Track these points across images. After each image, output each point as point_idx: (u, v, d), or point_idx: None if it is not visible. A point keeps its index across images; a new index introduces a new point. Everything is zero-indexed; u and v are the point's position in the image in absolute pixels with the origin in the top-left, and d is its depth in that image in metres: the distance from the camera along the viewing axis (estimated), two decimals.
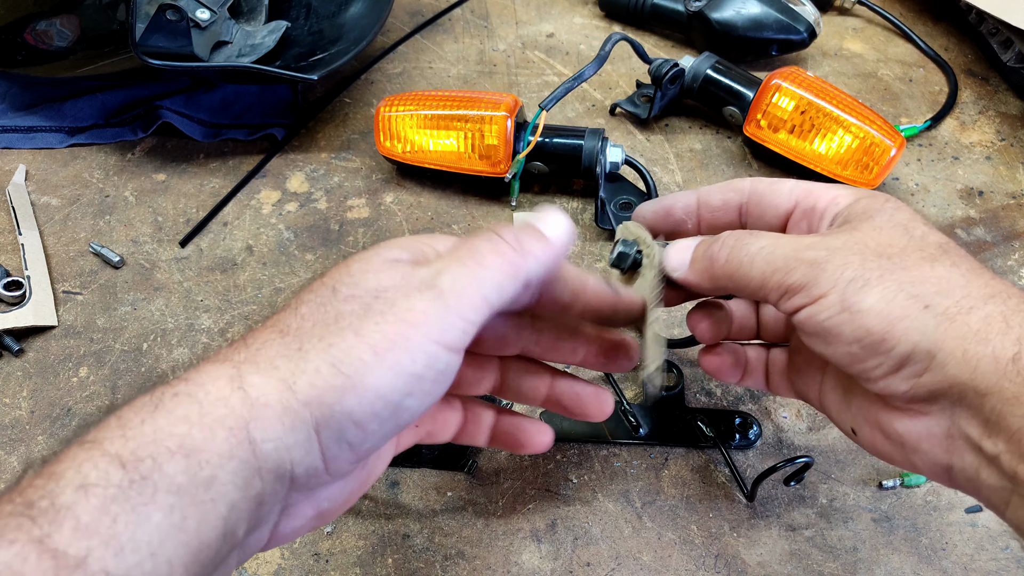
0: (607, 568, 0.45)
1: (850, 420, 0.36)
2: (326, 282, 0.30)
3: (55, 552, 0.22)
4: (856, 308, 0.30)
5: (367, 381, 0.27)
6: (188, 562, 0.24)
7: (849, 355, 0.31)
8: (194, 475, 0.25)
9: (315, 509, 0.31)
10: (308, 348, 0.28)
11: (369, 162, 0.67)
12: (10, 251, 0.60)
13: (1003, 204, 0.65)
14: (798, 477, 0.46)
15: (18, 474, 0.37)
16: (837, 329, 0.31)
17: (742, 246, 0.34)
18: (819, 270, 0.31)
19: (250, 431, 0.26)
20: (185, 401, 0.26)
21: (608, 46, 0.60)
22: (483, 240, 0.31)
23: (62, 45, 0.69)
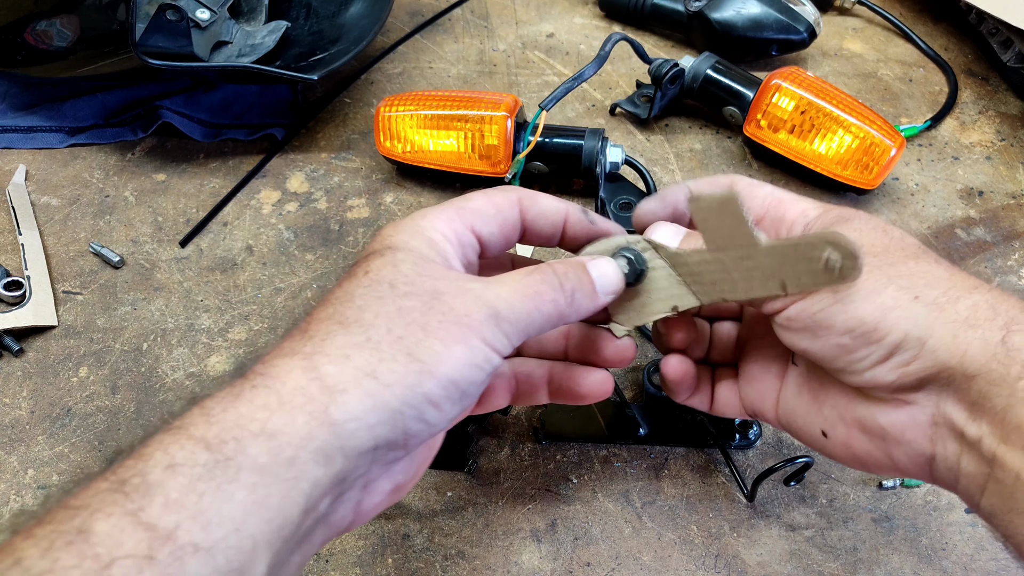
0: (607, 568, 0.45)
1: (820, 423, 0.36)
2: (381, 276, 0.32)
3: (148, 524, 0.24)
4: (849, 299, 0.32)
5: (440, 369, 0.30)
6: (271, 537, 0.26)
7: (839, 347, 0.32)
8: (276, 455, 0.26)
9: (392, 483, 0.33)
10: (377, 339, 0.30)
11: (369, 162, 0.67)
12: (10, 251, 0.60)
13: (1003, 204, 0.64)
14: (798, 477, 0.46)
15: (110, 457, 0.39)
16: (829, 320, 0.32)
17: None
18: None
19: (330, 413, 0.28)
20: (263, 392, 0.28)
21: (608, 46, 0.60)
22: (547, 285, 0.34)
23: (62, 45, 0.69)
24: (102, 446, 0.49)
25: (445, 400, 0.30)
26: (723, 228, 0.38)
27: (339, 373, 0.29)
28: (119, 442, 0.49)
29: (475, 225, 0.36)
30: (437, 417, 0.30)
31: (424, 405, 0.30)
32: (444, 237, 0.35)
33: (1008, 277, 0.59)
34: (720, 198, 0.37)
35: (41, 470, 0.48)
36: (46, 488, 0.47)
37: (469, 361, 0.31)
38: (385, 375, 0.29)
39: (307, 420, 0.27)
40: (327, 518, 0.30)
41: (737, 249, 0.38)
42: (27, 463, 0.49)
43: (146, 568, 0.23)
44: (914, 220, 0.63)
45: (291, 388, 0.28)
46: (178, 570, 0.24)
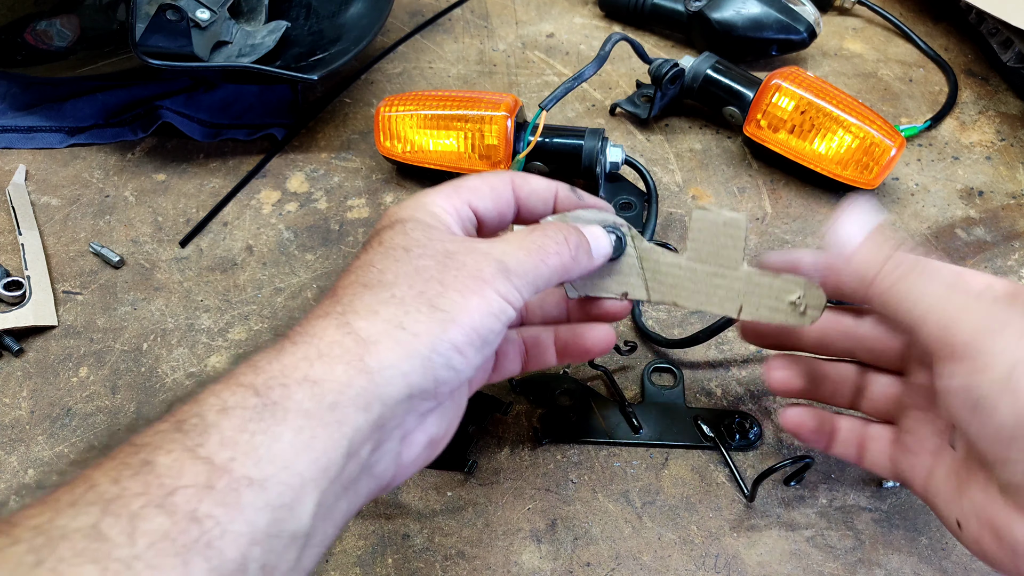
0: (607, 568, 0.45)
1: (958, 512, 0.35)
2: (395, 242, 0.35)
3: (206, 458, 0.26)
4: (1021, 389, 0.29)
5: (462, 317, 0.32)
6: (317, 476, 0.28)
7: (996, 435, 0.30)
8: (319, 401, 0.29)
9: (427, 436, 0.35)
10: (400, 295, 0.32)
11: (369, 162, 0.67)
12: (10, 251, 0.60)
13: (1003, 204, 0.64)
14: (798, 477, 0.46)
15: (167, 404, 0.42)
16: (994, 403, 0.30)
17: (926, 271, 0.33)
18: (990, 336, 0.30)
19: (366, 362, 0.30)
20: (303, 346, 0.30)
21: (608, 46, 0.60)
22: (551, 240, 0.37)
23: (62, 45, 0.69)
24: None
25: (468, 347, 0.32)
26: (714, 244, 0.41)
27: (370, 327, 0.31)
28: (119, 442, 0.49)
29: (471, 201, 0.39)
30: (463, 364, 0.32)
31: (451, 352, 0.32)
32: (444, 210, 0.37)
33: (1008, 277, 0.59)
34: (727, 218, 0.41)
35: (41, 470, 0.48)
36: (46, 488, 0.47)
37: (486, 311, 0.33)
38: (412, 325, 0.31)
39: (345, 369, 0.30)
40: (371, 469, 0.32)
41: (716, 266, 0.42)
42: (27, 463, 0.49)
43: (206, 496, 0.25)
44: (914, 220, 0.63)
45: (328, 342, 0.30)
46: (234, 500, 0.26)
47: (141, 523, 0.24)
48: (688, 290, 0.43)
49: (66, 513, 0.24)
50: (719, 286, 0.42)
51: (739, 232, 0.41)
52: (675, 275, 0.43)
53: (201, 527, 0.25)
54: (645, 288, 0.43)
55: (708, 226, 0.41)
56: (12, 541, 0.24)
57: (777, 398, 0.52)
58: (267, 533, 0.26)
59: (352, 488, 0.31)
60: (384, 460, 0.33)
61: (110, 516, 0.24)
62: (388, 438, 0.32)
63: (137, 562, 0.24)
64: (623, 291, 0.43)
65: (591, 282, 0.43)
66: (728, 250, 0.41)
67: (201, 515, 0.25)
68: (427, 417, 0.35)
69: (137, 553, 0.24)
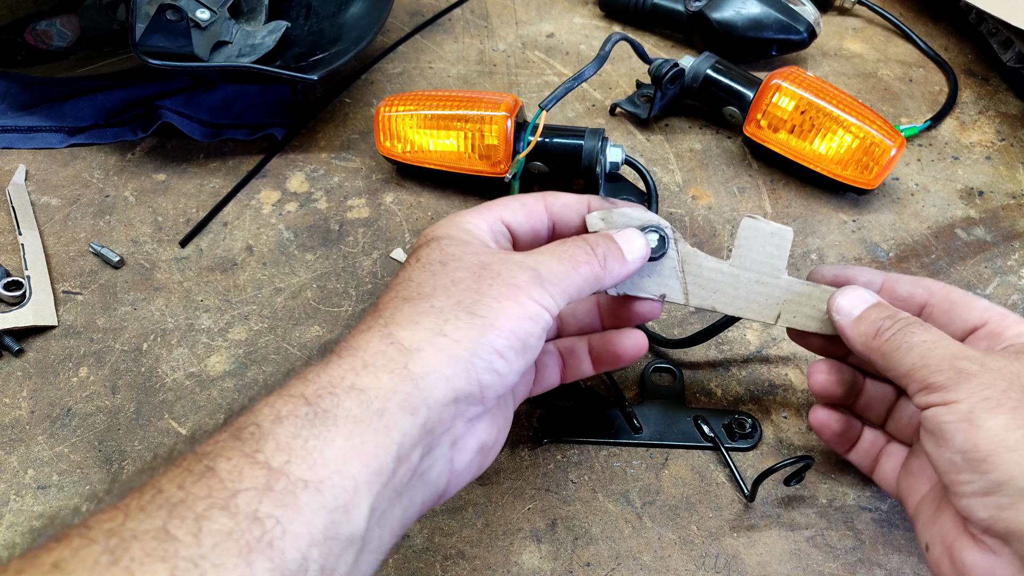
0: (607, 568, 0.45)
1: (928, 536, 0.37)
2: (431, 258, 0.36)
3: (263, 463, 0.28)
4: (976, 422, 0.33)
5: (500, 321, 0.33)
6: (370, 480, 0.29)
7: (950, 462, 0.33)
8: (367, 407, 0.30)
9: (477, 441, 0.36)
10: (439, 305, 0.34)
11: (369, 162, 0.67)
12: (10, 251, 0.60)
13: (1003, 204, 0.64)
14: (798, 477, 0.46)
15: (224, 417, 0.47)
16: (951, 433, 0.33)
17: (909, 332, 0.37)
18: (964, 380, 0.34)
19: (410, 369, 0.31)
20: (349, 358, 0.32)
21: (608, 46, 0.60)
22: (580, 250, 0.38)
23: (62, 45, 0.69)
24: (102, 446, 0.49)
25: (509, 350, 0.33)
26: (760, 252, 0.43)
27: (412, 336, 0.32)
28: (119, 442, 0.49)
29: (503, 216, 0.41)
30: (506, 367, 0.33)
31: (492, 355, 0.33)
32: (477, 227, 0.39)
33: (1008, 277, 0.59)
34: (774, 229, 0.43)
35: (41, 470, 0.48)
36: (46, 488, 0.48)
37: (523, 315, 0.34)
38: (452, 332, 0.33)
39: (390, 377, 0.31)
40: (424, 475, 0.33)
41: (759, 273, 0.44)
42: (27, 463, 0.49)
43: (265, 497, 0.27)
44: (914, 220, 0.63)
45: (372, 352, 0.32)
46: (292, 501, 0.27)
47: (206, 523, 0.26)
48: (728, 295, 0.44)
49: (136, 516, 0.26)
50: (760, 292, 0.44)
51: (785, 243, 0.43)
52: (716, 280, 0.44)
53: (263, 527, 0.26)
54: (684, 291, 0.44)
55: (755, 234, 0.43)
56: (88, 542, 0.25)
57: (777, 399, 0.52)
58: (325, 535, 0.27)
59: (406, 494, 0.32)
60: (437, 466, 0.34)
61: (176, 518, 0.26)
62: (438, 443, 0.33)
63: (203, 560, 0.25)
64: (661, 292, 0.44)
65: (630, 281, 0.44)
66: (773, 259, 0.43)
67: (262, 515, 0.26)
68: (476, 423, 0.36)
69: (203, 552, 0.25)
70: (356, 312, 0.56)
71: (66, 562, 0.24)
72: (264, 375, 0.53)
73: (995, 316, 0.40)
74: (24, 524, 0.46)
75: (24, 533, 0.45)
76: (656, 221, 0.43)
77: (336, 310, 0.57)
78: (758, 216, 0.43)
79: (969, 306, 0.41)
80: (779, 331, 0.56)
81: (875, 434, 0.45)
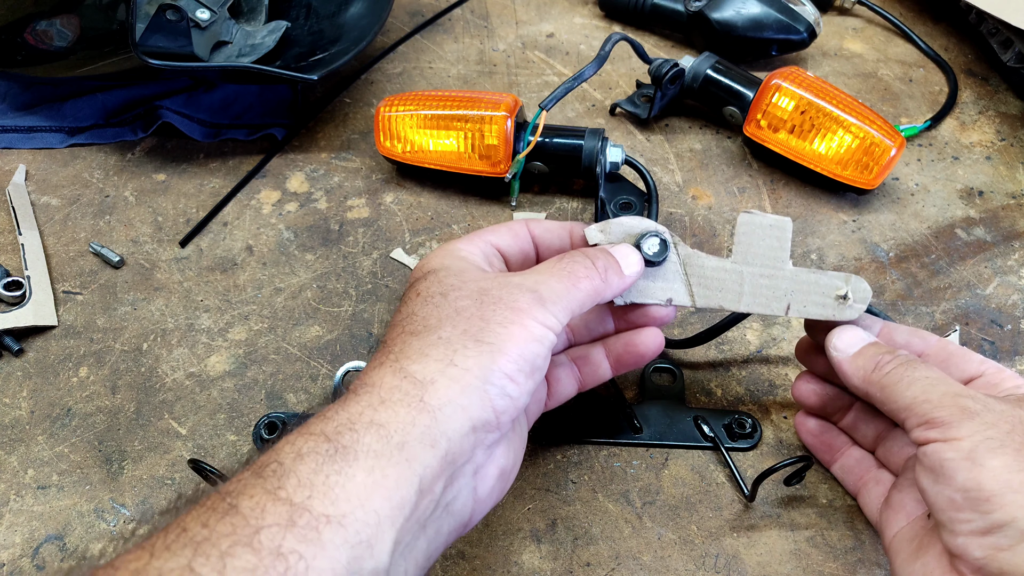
0: (607, 568, 0.45)
1: (909, 572, 0.37)
2: (431, 290, 0.37)
3: (286, 499, 0.28)
4: (980, 461, 0.32)
5: (507, 346, 0.34)
6: (393, 514, 0.29)
7: (950, 500, 0.33)
8: (387, 441, 0.30)
9: (497, 468, 0.36)
10: (446, 336, 0.34)
11: (369, 162, 0.67)
12: (10, 251, 0.60)
13: (1003, 204, 0.64)
14: (798, 477, 0.46)
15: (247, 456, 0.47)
16: (952, 471, 0.33)
17: (910, 367, 0.38)
18: (967, 417, 0.34)
19: (426, 402, 0.32)
20: (365, 395, 0.32)
21: (608, 46, 0.60)
22: (579, 265, 0.39)
23: (62, 45, 0.69)
24: (102, 446, 0.49)
25: (519, 373, 0.34)
26: (760, 245, 0.43)
27: (424, 369, 0.33)
28: (119, 442, 0.49)
29: (492, 240, 0.42)
30: (517, 390, 0.34)
31: (503, 380, 0.33)
32: (471, 253, 0.40)
33: (1008, 277, 0.59)
34: (773, 221, 0.42)
35: (41, 470, 0.48)
36: (46, 488, 0.48)
37: (529, 337, 0.35)
38: (463, 361, 0.33)
39: (407, 410, 0.31)
40: (449, 507, 0.34)
41: (763, 267, 0.44)
42: (27, 463, 0.49)
43: (288, 533, 0.27)
44: (914, 220, 0.63)
45: (387, 388, 0.32)
46: (315, 537, 0.27)
47: (230, 560, 0.26)
48: (734, 293, 0.44)
49: (162, 556, 0.26)
50: (766, 286, 0.43)
51: (785, 233, 0.43)
52: (720, 279, 0.44)
53: (286, 562, 0.26)
54: (689, 294, 0.44)
55: (754, 229, 0.43)
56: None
57: (777, 399, 0.52)
58: (348, 570, 0.27)
59: (431, 526, 0.32)
60: (462, 496, 0.34)
61: (201, 556, 0.26)
62: (461, 473, 0.34)
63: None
64: (667, 297, 0.44)
65: (635, 289, 0.44)
66: (775, 251, 0.43)
67: (285, 551, 0.27)
68: (494, 449, 0.36)
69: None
70: (356, 312, 0.57)
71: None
72: (264, 375, 0.53)
73: (991, 369, 0.40)
74: (24, 524, 0.46)
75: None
76: (654, 228, 0.43)
77: (336, 310, 0.57)
78: (754, 211, 0.43)
79: (966, 358, 0.41)
80: (779, 331, 0.56)
81: (864, 456, 0.46)
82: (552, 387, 0.44)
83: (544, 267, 0.39)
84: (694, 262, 0.44)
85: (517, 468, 0.39)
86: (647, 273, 0.43)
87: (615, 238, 0.43)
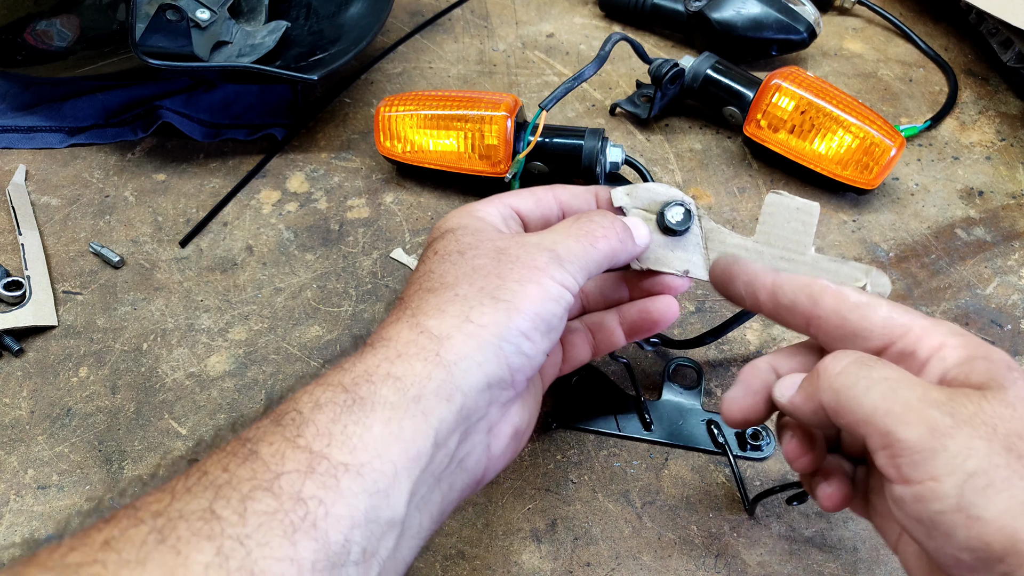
0: (607, 568, 0.45)
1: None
2: (448, 248, 0.37)
3: (305, 447, 0.28)
4: (976, 514, 0.27)
5: (524, 304, 0.34)
6: (408, 465, 0.29)
7: (955, 559, 0.28)
8: (403, 394, 0.30)
9: (511, 426, 0.36)
10: (463, 293, 0.34)
11: (369, 162, 0.67)
12: (10, 251, 0.60)
13: (1003, 204, 0.64)
14: (800, 499, 0.45)
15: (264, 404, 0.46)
16: (949, 528, 0.27)
17: (863, 367, 0.31)
18: (938, 442, 0.27)
19: (442, 356, 0.32)
20: (382, 349, 0.32)
21: (608, 46, 0.60)
22: (597, 225, 0.39)
23: (62, 45, 0.69)
24: (102, 446, 0.49)
25: (534, 331, 0.34)
26: (785, 228, 0.42)
27: (440, 324, 0.33)
28: (119, 442, 0.49)
29: (512, 203, 0.41)
30: (532, 349, 0.34)
31: (519, 338, 0.33)
32: (489, 214, 0.40)
33: (1008, 277, 0.59)
34: (800, 204, 0.42)
35: (41, 470, 0.48)
36: (46, 488, 0.48)
37: (546, 296, 0.34)
38: (479, 318, 0.33)
39: (424, 364, 0.31)
40: (462, 462, 0.34)
41: (784, 250, 0.43)
42: (27, 463, 0.49)
43: (308, 479, 0.27)
44: (914, 220, 0.63)
45: (404, 342, 0.32)
46: (334, 484, 0.27)
47: (251, 504, 0.26)
48: None
49: (183, 498, 0.27)
50: (785, 269, 0.41)
51: (811, 219, 0.42)
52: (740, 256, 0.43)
53: (306, 507, 0.27)
54: (707, 267, 0.44)
55: (781, 210, 0.42)
56: (136, 523, 0.26)
57: None
58: (366, 518, 0.28)
59: (445, 480, 0.33)
60: (475, 453, 0.34)
61: (222, 499, 0.26)
62: (475, 430, 0.34)
63: (248, 540, 0.25)
64: (684, 268, 0.44)
65: (654, 256, 0.44)
66: (799, 235, 0.42)
67: (305, 496, 0.27)
68: (509, 408, 0.36)
69: (248, 532, 0.26)
70: (356, 312, 0.56)
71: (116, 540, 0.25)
72: (264, 375, 0.53)
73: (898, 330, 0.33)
74: (24, 524, 0.46)
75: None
76: (680, 196, 0.43)
77: (336, 310, 0.57)
78: (783, 192, 0.43)
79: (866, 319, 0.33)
80: (779, 331, 0.56)
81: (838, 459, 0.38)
82: (567, 351, 0.44)
83: (561, 227, 0.39)
84: (716, 237, 0.43)
85: (531, 428, 0.39)
86: (667, 242, 0.43)
87: (641, 203, 0.43)
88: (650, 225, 0.43)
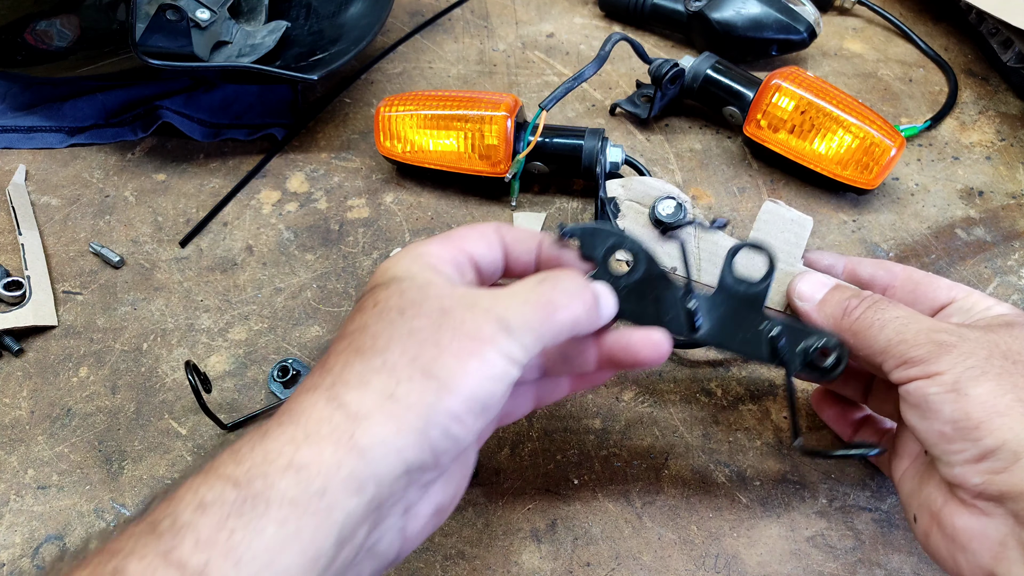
0: (607, 568, 0.45)
1: (915, 507, 0.37)
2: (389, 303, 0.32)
3: (178, 563, 0.25)
4: (964, 391, 0.33)
5: (458, 383, 0.30)
6: (305, 569, 0.26)
7: (940, 433, 0.34)
8: (305, 487, 0.27)
9: (432, 505, 0.34)
10: (393, 361, 0.30)
11: (369, 162, 0.67)
12: (10, 251, 0.60)
13: (1003, 204, 0.64)
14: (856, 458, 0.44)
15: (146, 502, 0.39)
16: (939, 405, 0.33)
17: (880, 309, 0.37)
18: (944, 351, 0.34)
19: (356, 440, 0.28)
20: (289, 427, 0.28)
21: (608, 46, 0.60)
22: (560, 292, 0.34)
23: (62, 45, 0.69)
24: (102, 446, 0.49)
25: (467, 414, 0.30)
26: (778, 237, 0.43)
27: (360, 399, 0.29)
28: (119, 442, 0.49)
29: (464, 246, 0.37)
30: (463, 431, 0.30)
31: (448, 421, 0.29)
32: (441, 260, 0.35)
33: (1008, 277, 0.59)
34: (795, 216, 0.43)
35: (41, 470, 0.48)
36: (46, 488, 0.48)
37: (487, 374, 0.30)
38: (405, 396, 0.29)
39: (334, 450, 0.28)
40: (372, 548, 0.30)
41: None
42: (27, 463, 0.49)
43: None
44: (914, 220, 0.63)
45: (316, 420, 0.29)
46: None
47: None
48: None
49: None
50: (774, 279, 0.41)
51: (804, 231, 0.43)
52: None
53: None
54: (697, 267, 0.44)
55: (776, 219, 0.43)
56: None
57: (777, 399, 0.52)
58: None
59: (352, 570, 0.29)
60: (387, 537, 0.31)
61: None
62: (388, 515, 0.31)
63: None
64: (672, 266, 0.44)
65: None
66: (791, 246, 0.43)
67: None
68: (431, 487, 0.33)
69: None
70: None
71: None
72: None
73: (961, 293, 0.40)
74: (24, 524, 0.46)
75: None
76: (675, 192, 0.43)
77: (336, 310, 0.57)
78: (780, 202, 0.43)
79: (934, 285, 0.41)
80: None
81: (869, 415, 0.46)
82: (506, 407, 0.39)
83: (520, 289, 0.34)
84: (708, 238, 0.43)
85: (457, 500, 0.36)
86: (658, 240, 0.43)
87: (635, 196, 0.43)
88: (642, 219, 0.43)
